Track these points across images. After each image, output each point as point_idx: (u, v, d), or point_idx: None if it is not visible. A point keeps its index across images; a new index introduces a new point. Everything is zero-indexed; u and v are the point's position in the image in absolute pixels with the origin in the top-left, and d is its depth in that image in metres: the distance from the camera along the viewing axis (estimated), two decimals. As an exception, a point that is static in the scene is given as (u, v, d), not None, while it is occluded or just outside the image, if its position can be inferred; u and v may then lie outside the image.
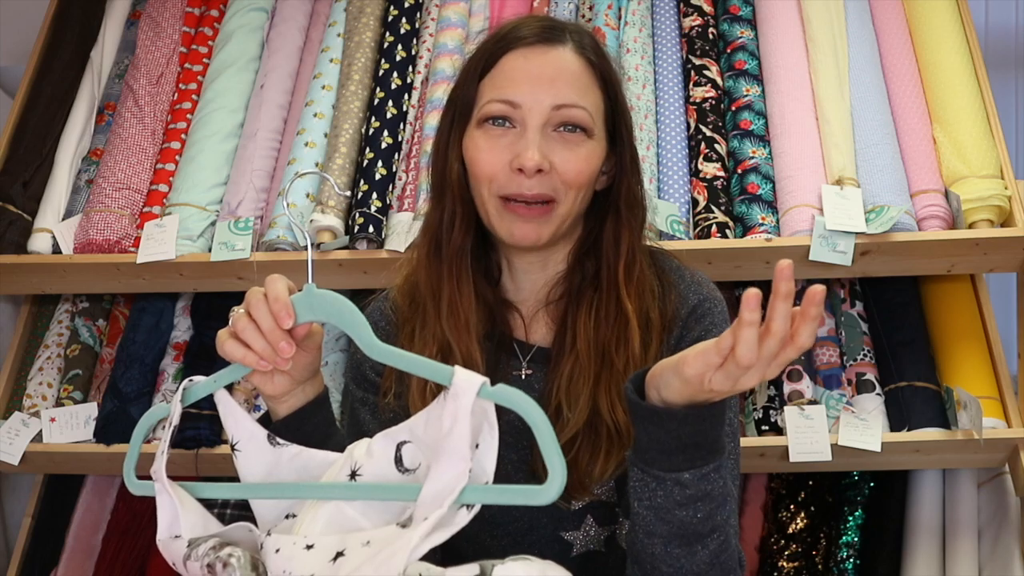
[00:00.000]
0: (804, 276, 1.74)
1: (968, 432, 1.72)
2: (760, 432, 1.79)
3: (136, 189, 1.92)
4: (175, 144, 2.00)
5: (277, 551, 0.90)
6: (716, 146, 1.88)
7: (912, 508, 1.89)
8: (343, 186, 1.85)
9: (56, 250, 1.90)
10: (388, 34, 2.05)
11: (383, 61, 2.01)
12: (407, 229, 1.78)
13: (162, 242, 1.82)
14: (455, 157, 1.22)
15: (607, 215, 1.23)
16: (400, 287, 1.29)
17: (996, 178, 1.76)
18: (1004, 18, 2.69)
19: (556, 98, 1.16)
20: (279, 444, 0.99)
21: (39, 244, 1.91)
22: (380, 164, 1.87)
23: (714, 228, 1.78)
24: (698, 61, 1.99)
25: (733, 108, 1.93)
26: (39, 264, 1.89)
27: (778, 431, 1.78)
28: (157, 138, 2.00)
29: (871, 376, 1.83)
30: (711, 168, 1.85)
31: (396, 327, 1.27)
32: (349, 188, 1.86)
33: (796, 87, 1.91)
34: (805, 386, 1.81)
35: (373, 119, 1.93)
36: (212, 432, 1.83)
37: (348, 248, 1.82)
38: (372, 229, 1.80)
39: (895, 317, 1.89)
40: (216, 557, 0.89)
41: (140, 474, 1.02)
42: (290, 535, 0.92)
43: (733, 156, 1.88)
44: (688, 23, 2.05)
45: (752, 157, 1.85)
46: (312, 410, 1.10)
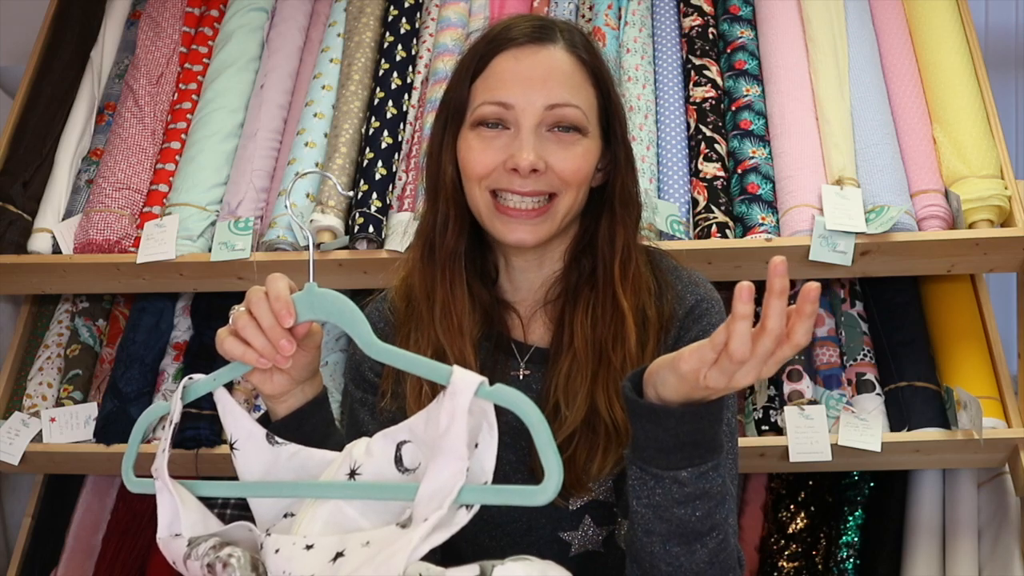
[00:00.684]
0: (804, 276, 1.74)
1: (968, 432, 1.71)
2: (760, 432, 1.79)
3: (136, 189, 1.92)
4: (175, 144, 1.99)
5: (277, 551, 0.90)
6: (716, 146, 1.88)
7: (912, 508, 1.89)
8: (344, 186, 1.85)
9: (56, 250, 1.90)
10: (388, 34, 2.05)
11: (383, 61, 2.01)
12: (407, 229, 1.78)
13: (162, 242, 1.82)
14: (448, 160, 1.21)
15: (602, 212, 1.23)
16: (397, 289, 1.29)
17: (996, 178, 1.76)
18: (1004, 18, 2.68)
19: (549, 98, 1.16)
20: (277, 443, 0.99)
21: (39, 244, 1.91)
22: (380, 164, 1.87)
23: (714, 228, 1.77)
24: (698, 61, 1.99)
25: (733, 108, 1.93)
26: (39, 264, 1.88)
27: (778, 431, 1.78)
28: (157, 138, 2.00)
29: (871, 376, 1.82)
30: (711, 168, 1.85)
31: (394, 328, 1.27)
32: (349, 188, 1.86)
33: (796, 87, 1.91)
34: (805, 386, 1.81)
35: (373, 119, 1.93)
36: (212, 432, 1.83)
37: (348, 248, 1.82)
38: (372, 229, 1.80)
39: (895, 317, 1.89)
40: (216, 557, 0.89)
41: (139, 473, 1.02)
42: (290, 535, 0.92)
43: (733, 156, 1.88)
44: (688, 23, 2.05)
45: (752, 157, 1.85)
46: (311, 410, 1.10)
